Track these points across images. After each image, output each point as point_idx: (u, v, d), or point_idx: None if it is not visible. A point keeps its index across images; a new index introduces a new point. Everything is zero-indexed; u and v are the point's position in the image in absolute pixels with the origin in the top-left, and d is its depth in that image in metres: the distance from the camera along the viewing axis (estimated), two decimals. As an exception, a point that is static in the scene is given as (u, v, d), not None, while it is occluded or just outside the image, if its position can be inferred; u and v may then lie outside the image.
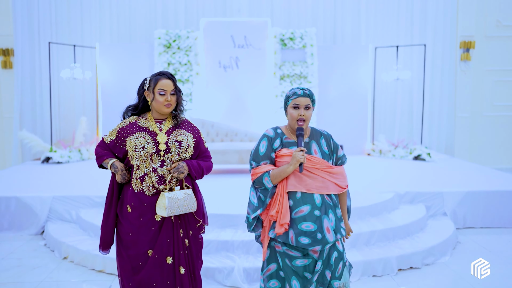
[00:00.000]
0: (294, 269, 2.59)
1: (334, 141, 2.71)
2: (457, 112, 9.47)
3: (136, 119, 2.68)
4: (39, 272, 4.30)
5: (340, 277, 2.63)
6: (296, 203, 2.55)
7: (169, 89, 2.59)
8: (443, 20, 9.32)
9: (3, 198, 5.45)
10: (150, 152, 2.57)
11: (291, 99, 2.59)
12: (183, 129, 2.69)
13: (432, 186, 6.06)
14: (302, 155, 2.47)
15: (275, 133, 2.63)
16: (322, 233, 2.52)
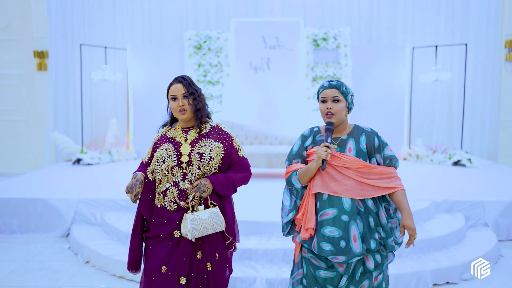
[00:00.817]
0: (317, 279, 2.39)
1: (380, 139, 2.45)
2: (501, 116, 8.98)
3: (167, 130, 2.58)
4: (60, 276, 4.24)
5: None
6: (322, 205, 2.36)
7: (179, 93, 2.43)
8: (487, 18, 8.89)
9: (30, 200, 5.46)
10: (171, 166, 2.42)
11: (319, 93, 2.44)
12: (211, 138, 2.48)
13: (472, 194, 5.68)
14: (325, 151, 2.27)
15: (310, 131, 2.50)
16: (347, 242, 2.29)
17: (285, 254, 4.14)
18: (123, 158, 8.45)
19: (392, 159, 2.44)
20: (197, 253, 2.44)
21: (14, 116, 9.30)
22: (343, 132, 2.44)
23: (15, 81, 9.24)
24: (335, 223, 2.32)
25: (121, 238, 4.73)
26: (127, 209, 5.36)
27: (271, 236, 4.40)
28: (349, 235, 2.30)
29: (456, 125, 8.90)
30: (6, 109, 9.27)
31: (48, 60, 9.00)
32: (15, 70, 9.23)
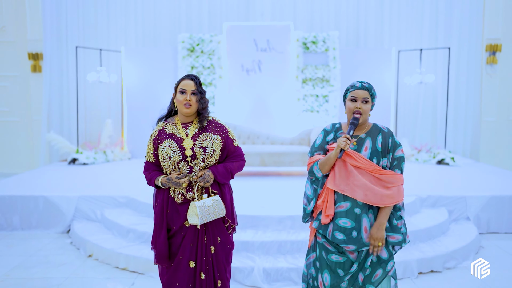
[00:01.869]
0: (328, 263, 2.60)
1: (394, 139, 2.61)
2: (482, 117, 9.32)
3: (163, 124, 2.73)
4: (65, 269, 4.43)
5: (375, 284, 2.58)
6: (338, 198, 2.57)
7: (189, 89, 2.63)
8: (469, 23, 9.20)
9: (31, 197, 5.62)
10: (177, 161, 2.62)
11: (349, 91, 2.60)
12: (209, 132, 2.69)
13: (455, 190, 5.99)
14: (345, 141, 2.46)
15: (332, 127, 2.69)
16: (359, 232, 2.51)
17: (280, 246, 4.37)
18: (118, 158, 8.61)
19: (400, 160, 2.59)
20: (204, 238, 2.68)
21: (8, 117, 9.39)
22: (363, 130, 2.61)
23: (9, 82, 9.32)
24: (348, 215, 2.53)
25: (122, 232, 4.92)
26: (126, 205, 5.55)
27: (267, 229, 4.64)
28: (361, 227, 2.52)
29: (440, 126, 9.21)
30: (0, 110, 9.36)
31: (42, 62, 9.08)
32: (10, 72, 9.29)
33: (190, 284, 2.65)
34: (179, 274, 2.65)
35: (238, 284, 4.07)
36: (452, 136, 9.31)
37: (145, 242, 4.64)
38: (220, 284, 2.72)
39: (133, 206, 5.44)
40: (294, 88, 8.75)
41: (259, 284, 4.00)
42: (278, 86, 8.82)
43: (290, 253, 4.34)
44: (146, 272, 4.29)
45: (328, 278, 2.59)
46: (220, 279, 2.71)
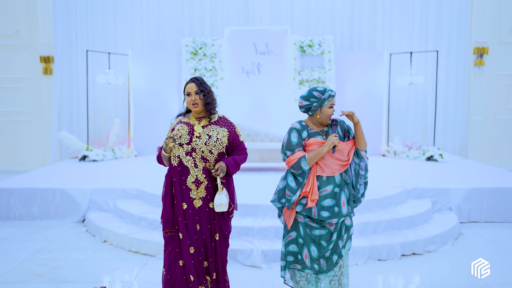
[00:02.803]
0: (313, 238, 3.11)
1: (346, 125, 3.19)
2: (470, 116, 9.79)
3: (181, 118, 3.24)
4: (83, 252, 4.93)
5: (344, 246, 3.15)
6: (322, 184, 3.08)
7: (192, 90, 3.10)
8: (457, 27, 9.68)
9: (49, 189, 6.12)
10: (186, 141, 3.08)
11: (327, 100, 3.07)
12: (218, 125, 3.17)
13: (439, 183, 6.48)
14: (337, 139, 3.00)
15: (301, 126, 3.14)
16: (339, 207, 3.06)
17: (276, 231, 4.87)
18: (125, 156, 9.11)
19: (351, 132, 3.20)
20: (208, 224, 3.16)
21: (20, 117, 9.88)
22: (324, 125, 3.16)
23: (22, 84, 9.81)
24: (330, 196, 3.07)
25: (133, 220, 5.42)
26: (136, 197, 6.05)
27: (265, 217, 5.13)
28: (340, 202, 3.07)
29: (430, 124, 9.68)
30: (13, 111, 9.84)
31: (53, 65, 9.56)
32: (22, 74, 9.77)
33: (193, 262, 3.11)
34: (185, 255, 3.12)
35: (239, 264, 4.55)
36: (441, 134, 9.79)
37: (155, 228, 5.13)
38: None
39: (143, 198, 5.93)
40: (291, 89, 9.25)
41: (258, 264, 4.49)
42: (276, 87, 9.32)
43: (286, 237, 4.83)
44: (157, 255, 4.77)
45: (315, 250, 3.09)
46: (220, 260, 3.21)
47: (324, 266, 3.11)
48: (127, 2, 9.77)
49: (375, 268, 4.51)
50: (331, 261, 3.11)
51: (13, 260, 4.64)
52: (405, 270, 4.44)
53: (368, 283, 4.13)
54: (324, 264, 3.11)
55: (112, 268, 4.48)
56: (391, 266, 4.55)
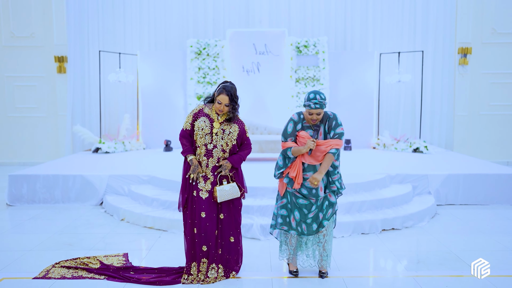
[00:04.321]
0: (297, 205, 3.87)
1: (336, 121, 3.80)
2: (455, 111, 10.49)
3: (203, 106, 3.90)
4: (104, 227, 5.64)
5: (328, 219, 3.88)
6: (305, 169, 3.84)
7: (223, 102, 3.76)
8: (443, 29, 10.38)
9: (70, 176, 6.83)
10: (206, 133, 3.82)
11: (306, 107, 3.74)
12: (232, 123, 3.90)
13: (419, 169, 7.19)
14: (313, 144, 3.71)
15: (299, 118, 3.86)
16: (316, 190, 3.81)
17: (273, 209, 5.56)
18: (134, 148, 9.82)
19: (340, 135, 3.79)
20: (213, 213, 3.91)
21: (36, 113, 10.59)
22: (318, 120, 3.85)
23: (37, 82, 10.52)
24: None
25: (147, 201, 6.12)
26: (148, 182, 6.75)
27: (263, 197, 5.83)
28: (318, 187, 3.80)
29: (418, 119, 10.38)
30: (29, 107, 10.56)
31: (67, 64, 10.29)
32: (38, 73, 10.50)
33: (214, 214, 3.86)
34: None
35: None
36: (428, 128, 10.50)
37: (167, 208, 5.83)
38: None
39: (154, 183, 6.64)
40: (288, 87, 9.96)
41: (257, 236, 5.19)
42: (274, 85, 10.03)
43: (281, 214, 5.53)
44: (169, 229, 5.47)
45: (298, 214, 3.89)
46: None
47: (305, 230, 3.89)
48: (136, 6, 10.48)
49: (358, 240, 5.20)
50: (311, 228, 3.89)
51: (45, 233, 5.35)
52: (384, 241, 5.13)
53: (353, 251, 4.82)
54: (305, 229, 3.89)
55: (131, 240, 5.19)
56: (372, 239, 5.24)
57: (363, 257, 4.66)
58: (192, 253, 3.90)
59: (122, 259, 4.44)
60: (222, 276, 3.94)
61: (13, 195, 6.77)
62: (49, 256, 4.55)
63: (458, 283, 3.88)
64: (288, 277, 4.04)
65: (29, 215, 6.21)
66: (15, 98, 10.58)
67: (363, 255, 4.74)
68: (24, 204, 6.75)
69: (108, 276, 3.97)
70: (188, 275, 3.89)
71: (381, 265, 4.49)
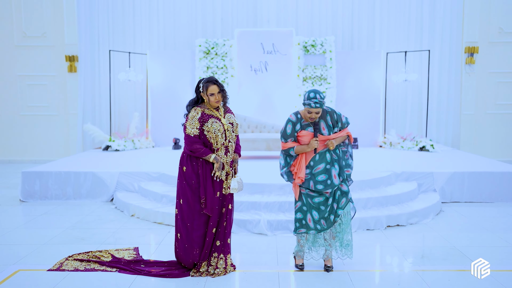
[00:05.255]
0: (313, 205, 3.97)
1: (337, 114, 3.95)
2: (462, 110, 10.53)
3: (202, 109, 3.95)
4: (115, 223, 5.78)
5: (343, 208, 3.96)
6: (316, 163, 3.93)
7: (216, 91, 3.90)
8: (450, 28, 10.42)
9: (81, 173, 6.98)
10: (221, 132, 3.92)
11: (306, 105, 3.83)
12: (229, 112, 4.05)
13: (425, 167, 7.27)
14: (317, 143, 3.83)
15: (296, 118, 3.95)
16: (331, 179, 3.88)
17: (280, 205, 5.67)
18: (144, 146, 9.97)
19: (345, 122, 3.97)
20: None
21: (47, 111, 10.77)
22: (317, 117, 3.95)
23: (48, 81, 10.70)
24: (323, 172, 3.90)
25: (157, 198, 6.25)
26: (158, 179, 6.89)
27: (270, 194, 5.94)
28: (331, 176, 3.89)
29: (425, 118, 10.45)
30: (41, 106, 10.75)
31: (77, 63, 10.47)
32: (49, 72, 10.67)
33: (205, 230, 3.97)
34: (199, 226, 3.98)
35: (248, 232, 5.36)
36: (435, 127, 10.56)
37: (176, 204, 5.96)
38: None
39: (163, 179, 6.77)
40: (295, 86, 10.06)
41: (264, 231, 5.30)
42: (282, 84, 10.13)
43: (288, 210, 5.63)
44: (178, 225, 5.61)
45: (316, 213, 3.97)
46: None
47: (325, 225, 3.98)
48: (145, 6, 10.63)
49: (363, 236, 5.29)
50: (329, 220, 3.97)
51: (58, 228, 5.50)
52: (389, 237, 5.22)
53: (358, 247, 4.90)
54: (324, 223, 3.98)
55: (141, 235, 5.32)
56: (377, 235, 5.33)
57: (368, 252, 4.75)
58: (206, 252, 4.01)
59: (132, 252, 4.57)
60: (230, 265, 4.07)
61: (26, 191, 6.94)
62: (62, 249, 4.69)
63: (462, 278, 3.96)
64: (295, 271, 4.15)
65: (41, 210, 6.37)
66: (27, 97, 10.77)
67: (368, 250, 4.82)
68: (37, 200, 6.92)
69: (119, 269, 4.10)
70: (197, 271, 4.01)
71: (385, 260, 4.59)
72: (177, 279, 3.93)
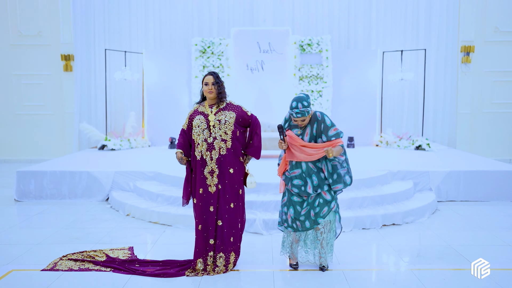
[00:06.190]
0: (292, 202, 3.99)
1: (325, 124, 3.86)
2: (458, 109, 10.54)
3: (198, 106, 4.06)
4: (110, 222, 5.76)
5: (323, 217, 3.94)
6: (292, 167, 3.97)
7: (210, 81, 3.94)
8: (446, 27, 10.44)
9: (77, 172, 6.96)
10: (203, 128, 3.93)
11: (291, 116, 3.80)
12: (226, 110, 3.99)
13: (421, 166, 7.27)
14: (283, 145, 3.88)
15: (288, 117, 3.97)
16: (305, 188, 3.90)
17: (276, 204, 5.65)
18: (140, 145, 9.95)
19: (336, 135, 3.86)
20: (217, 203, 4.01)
21: (43, 111, 10.74)
22: (307, 121, 3.88)
23: (44, 80, 10.66)
24: (300, 177, 3.93)
25: (152, 197, 6.24)
26: (153, 178, 6.87)
27: (266, 193, 5.94)
28: (307, 185, 3.90)
29: (421, 117, 10.46)
30: (36, 105, 10.71)
31: (73, 63, 10.43)
32: (45, 71, 10.64)
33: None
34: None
35: (244, 231, 5.34)
36: (431, 126, 10.57)
37: (172, 203, 5.94)
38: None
39: (159, 179, 6.75)
40: (292, 85, 10.05)
41: (260, 231, 5.29)
42: (278, 83, 10.12)
43: (284, 209, 5.63)
44: (174, 224, 5.58)
45: (292, 211, 4.01)
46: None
47: (300, 227, 4.01)
48: (141, 5, 10.60)
49: (359, 235, 5.28)
50: (304, 225, 3.99)
51: (52, 227, 5.48)
52: (385, 236, 5.21)
53: (353, 246, 4.91)
54: (299, 225, 4.01)
55: (136, 234, 5.30)
56: (373, 234, 5.32)
57: (363, 251, 4.75)
58: (197, 251, 4.00)
59: (127, 252, 4.55)
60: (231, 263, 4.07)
61: (21, 191, 6.91)
62: (56, 249, 4.67)
63: (457, 277, 3.96)
64: (290, 270, 4.14)
65: (36, 210, 6.34)
66: (22, 96, 10.72)
67: (364, 249, 4.82)
68: (31, 199, 6.89)
69: (114, 269, 4.08)
70: (193, 270, 3.99)
71: (380, 259, 4.59)
72: (172, 279, 3.91)
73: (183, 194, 4.10)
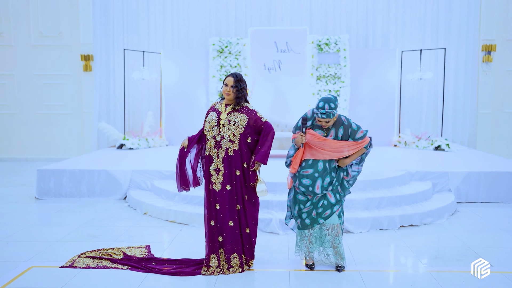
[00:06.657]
0: (297, 200, 4.02)
1: (352, 128, 3.86)
2: (479, 109, 10.36)
3: (215, 103, 4.09)
4: (128, 221, 5.81)
5: (325, 219, 3.96)
6: (306, 166, 3.92)
7: (229, 83, 3.94)
8: (466, 26, 10.26)
9: (95, 171, 7.04)
10: (213, 125, 3.96)
11: (315, 115, 3.77)
12: (240, 112, 3.97)
13: (440, 167, 7.17)
14: (302, 139, 3.81)
15: (312, 115, 3.88)
16: (313, 188, 3.88)
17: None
18: (157, 145, 10.02)
19: (362, 136, 3.89)
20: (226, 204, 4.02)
21: (63, 110, 10.90)
22: (331, 123, 3.84)
23: (64, 80, 10.81)
24: (310, 177, 3.90)
25: (169, 196, 6.27)
26: (171, 177, 6.90)
27: (282, 193, 5.92)
28: (315, 185, 3.88)
29: (440, 117, 10.31)
30: (56, 104, 10.88)
31: (93, 63, 10.57)
32: (65, 71, 10.79)
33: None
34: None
35: (259, 231, 5.28)
36: (451, 126, 10.41)
37: (188, 202, 5.97)
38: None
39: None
40: (309, 84, 10.01)
41: (276, 230, 5.29)
42: (296, 83, 10.07)
43: (300, 209, 5.61)
44: (190, 223, 5.61)
45: (296, 208, 4.04)
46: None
47: (300, 225, 4.04)
48: (159, 5, 10.67)
49: (376, 235, 5.24)
50: (305, 223, 4.00)
51: (71, 225, 5.55)
52: (402, 237, 5.16)
53: (370, 247, 4.87)
54: (299, 223, 4.04)
55: (153, 233, 5.34)
56: (390, 234, 5.27)
57: (381, 252, 4.70)
58: (210, 246, 4.02)
59: (144, 250, 4.59)
60: (245, 264, 4.07)
61: (41, 189, 7.02)
62: (75, 247, 4.73)
63: (475, 279, 3.89)
64: (306, 270, 4.12)
65: (56, 208, 6.44)
66: (43, 96, 10.89)
67: (381, 250, 4.78)
68: (51, 197, 7.00)
69: (131, 267, 4.12)
70: (208, 267, 4.00)
71: (398, 260, 4.54)
72: (188, 277, 3.93)
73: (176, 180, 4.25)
